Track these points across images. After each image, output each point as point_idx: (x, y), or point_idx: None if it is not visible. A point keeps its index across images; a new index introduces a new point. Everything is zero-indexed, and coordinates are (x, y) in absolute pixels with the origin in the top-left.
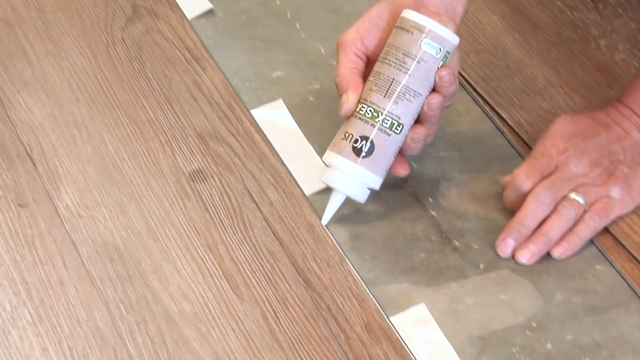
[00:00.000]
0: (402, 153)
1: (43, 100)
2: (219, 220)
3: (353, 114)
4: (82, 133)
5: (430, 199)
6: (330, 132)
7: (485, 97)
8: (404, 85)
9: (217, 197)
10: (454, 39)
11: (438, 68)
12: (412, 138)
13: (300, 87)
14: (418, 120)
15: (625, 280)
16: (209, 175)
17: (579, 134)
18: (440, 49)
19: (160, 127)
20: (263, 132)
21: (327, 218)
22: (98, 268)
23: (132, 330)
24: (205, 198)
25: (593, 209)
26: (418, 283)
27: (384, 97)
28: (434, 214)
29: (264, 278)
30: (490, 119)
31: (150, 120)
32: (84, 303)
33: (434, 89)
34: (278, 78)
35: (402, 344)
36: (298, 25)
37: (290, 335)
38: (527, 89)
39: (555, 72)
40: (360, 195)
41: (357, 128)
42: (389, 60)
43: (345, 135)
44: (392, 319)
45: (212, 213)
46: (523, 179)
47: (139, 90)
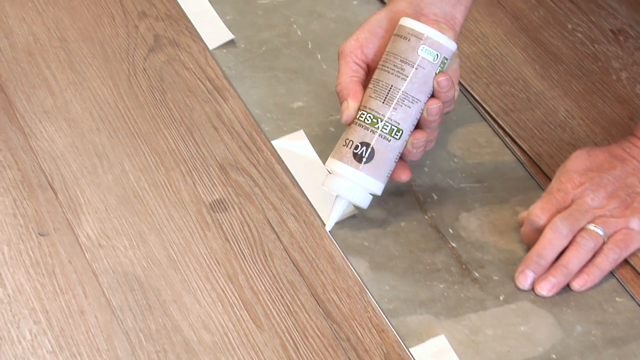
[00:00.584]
0: (403, 159)
1: (64, 130)
2: (239, 250)
3: (353, 121)
4: (103, 162)
5: (451, 230)
6: None
7: (506, 128)
8: (402, 92)
9: (237, 227)
10: (451, 45)
11: (436, 74)
12: (412, 143)
13: (321, 117)
14: (418, 126)
15: None
16: (230, 206)
17: (595, 168)
18: (438, 55)
19: (181, 156)
20: (284, 162)
21: (330, 224)
22: (118, 297)
23: None
24: (226, 228)
25: (612, 241)
26: (438, 314)
27: (383, 103)
28: (454, 245)
29: (284, 308)
30: (511, 151)
31: (171, 150)
32: (104, 332)
33: (433, 95)
34: (299, 108)
35: None
36: (319, 56)
37: None
38: (547, 121)
39: (576, 104)
40: (363, 201)
41: (357, 134)
42: (388, 68)
43: (346, 142)
44: (411, 350)
45: (232, 243)
46: (538, 214)
47: (160, 120)
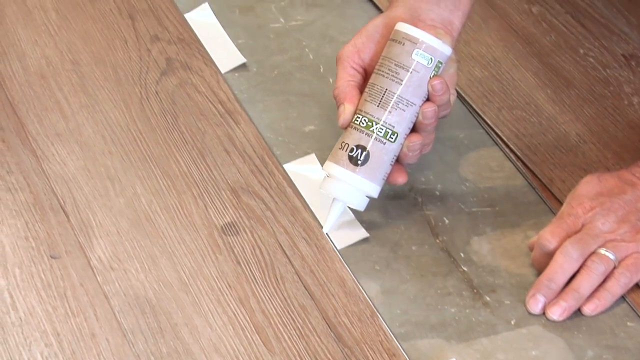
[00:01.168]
0: (400, 162)
1: (77, 153)
2: (251, 274)
3: (350, 125)
4: (115, 185)
5: (462, 254)
6: None
7: (518, 153)
8: (397, 95)
9: (249, 250)
10: (446, 50)
11: (430, 78)
12: (408, 147)
13: (333, 141)
14: (414, 130)
15: None
16: (241, 229)
17: (606, 193)
18: (432, 59)
19: (193, 180)
20: (295, 186)
21: (327, 227)
22: (130, 320)
23: None
24: (237, 251)
25: (623, 265)
26: (449, 338)
27: (378, 107)
28: (466, 269)
29: (295, 332)
30: (523, 175)
31: (183, 173)
32: (115, 355)
33: (428, 99)
34: (311, 132)
35: None
36: (331, 80)
37: None
38: (559, 146)
39: (588, 128)
40: (359, 204)
41: (352, 137)
42: (383, 72)
43: (342, 145)
44: None
45: (243, 266)
46: (549, 239)
47: (172, 143)
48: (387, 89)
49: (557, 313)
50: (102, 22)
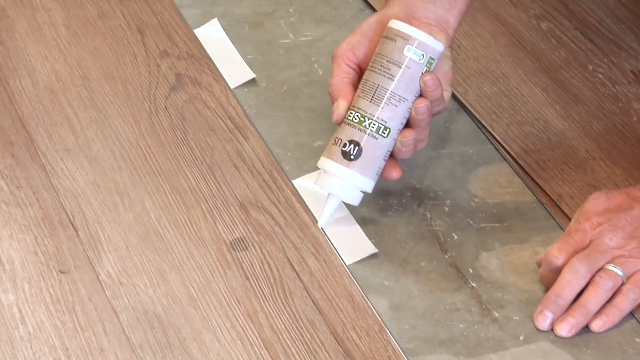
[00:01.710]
0: (394, 157)
1: (86, 168)
2: (260, 289)
3: (344, 121)
4: (124, 201)
5: (471, 270)
6: (372, 202)
7: (527, 169)
8: (390, 91)
9: (258, 266)
10: (438, 46)
11: (423, 74)
12: (401, 142)
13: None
14: (408, 125)
15: None
16: (250, 245)
17: (614, 210)
18: (424, 56)
19: (202, 195)
20: (304, 201)
21: (323, 222)
22: (138, 335)
23: None
24: (246, 267)
25: (632, 281)
26: (458, 354)
27: (371, 102)
28: (474, 285)
29: (304, 347)
30: (532, 191)
31: (192, 189)
32: None
33: (421, 95)
34: (320, 148)
35: None
36: None
37: None
38: (568, 162)
39: (597, 145)
40: (353, 199)
41: (346, 133)
42: (376, 69)
43: (336, 141)
44: None
45: (252, 282)
46: (556, 255)
47: (182, 159)
48: (379, 85)
49: (565, 329)
50: (112, 37)
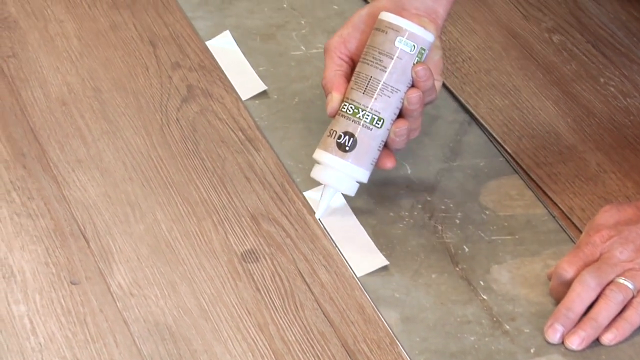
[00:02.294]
0: (388, 147)
1: (97, 179)
2: (270, 301)
3: (338, 113)
4: (135, 212)
5: (482, 282)
6: (382, 213)
7: (538, 182)
8: (382, 82)
9: (268, 277)
10: (428, 36)
11: (414, 64)
12: (394, 132)
13: None
14: (400, 115)
15: None
16: (261, 256)
17: (624, 222)
18: (415, 46)
19: (213, 207)
20: (315, 213)
21: (319, 213)
22: (149, 347)
23: None
24: (257, 278)
25: None
26: None
27: (364, 94)
28: (485, 297)
29: (315, 359)
30: (543, 204)
31: (203, 200)
32: None
33: (413, 85)
34: None
35: None
36: None
37: None
38: (579, 175)
39: (608, 157)
40: (349, 189)
41: (340, 125)
42: (368, 60)
43: (330, 132)
44: None
45: (263, 293)
46: (566, 268)
47: (193, 170)
48: (372, 77)
49: (575, 342)
50: (123, 49)
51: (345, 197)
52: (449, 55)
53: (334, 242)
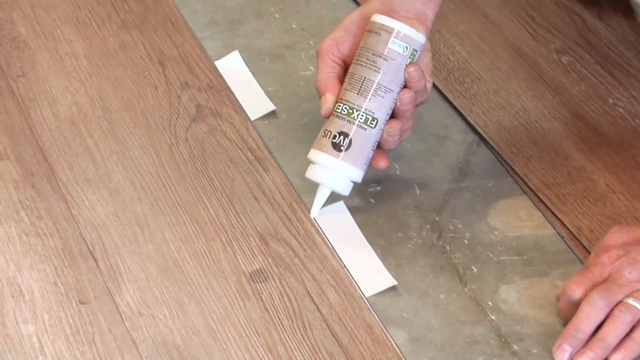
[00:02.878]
0: (381, 147)
1: (106, 199)
2: (279, 321)
3: (332, 113)
4: (144, 232)
5: (490, 303)
6: (391, 234)
7: (546, 202)
8: (376, 83)
9: (277, 297)
10: (420, 38)
11: (406, 65)
12: (388, 132)
13: (362, 188)
14: (393, 116)
15: None
16: (270, 276)
17: (632, 242)
18: (407, 47)
19: (222, 226)
20: (323, 233)
21: (314, 212)
22: None
23: None
24: (265, 298)
25: None
26: None
27: (358, 94)
28: (494, 318)
29: None
30: (551, 225)
31: (212, 220)
32: None
33: (405, 86)
34: None
35: None
36: None
37: None
38: (588, 195)
39: (617, 178)
40: (344, 188)
41: (335, 125)
42: (361, 61)
43: (325, 133)
44: None
45: (272, 313)
46: (574, 289)
47: (202, 190)
48: (366, 78)
49: None
50: (132, 69)
51: (354, 216)
52: (458, 76)
53: (343, 262)
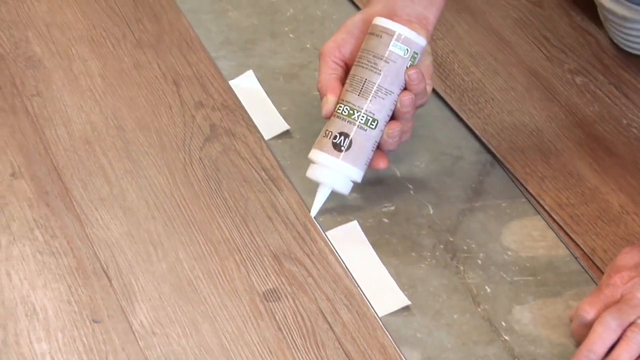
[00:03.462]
0: (380, 148)
1: (120, 218)
2: (292, 340)
3: (333, 114)
4: (157, 251)
5: (503, 323)
6: (404, 253)
7: (560, 223)
8: (377, 85)
9: (290, 316)
10: (421, 41)
11: (407, 68)
12: (387, 133)
13: (375, 208)
14: (393, 117)
15: None
16: (283, 295)
17: None
18: (408, 50)
19: (236, 246)
20: (337, 253)
21: (314, 211)
22: None
23: None
24: (279, 317)
25: None
26: None
27: (359, 96)
28: (507, 338)
29: None
30: (565, 245)
31: (226, 239)
32: None
33: (406, 88)
34: (353, 200)
35: None
36: None
37: None
38: (602, 216)
39: (631, 199)
40: (344, 188)
41: (336, 126)
42: (363, 63)
43: (326, 133)
44: None
45: (285, 333)
46: (587, 309)
47: (215, 209)
48: (367, 79)
49: None
50: (147, 88)
51: (368, 236)
52: (472, 96)
53: (356, 281)
